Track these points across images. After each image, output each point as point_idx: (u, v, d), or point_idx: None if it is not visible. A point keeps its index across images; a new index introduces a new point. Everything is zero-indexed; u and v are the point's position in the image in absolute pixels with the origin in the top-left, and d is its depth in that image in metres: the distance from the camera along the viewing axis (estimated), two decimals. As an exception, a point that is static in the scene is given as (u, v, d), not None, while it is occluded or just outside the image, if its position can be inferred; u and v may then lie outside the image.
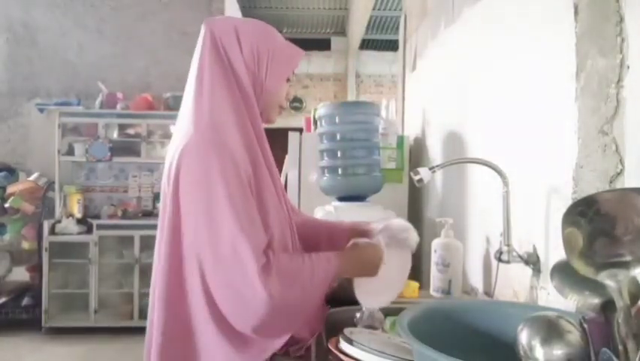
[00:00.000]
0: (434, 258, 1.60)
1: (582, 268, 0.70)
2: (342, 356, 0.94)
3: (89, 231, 3.85)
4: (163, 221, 1.03)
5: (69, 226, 3.83)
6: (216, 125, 1.00)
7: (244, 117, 1.05)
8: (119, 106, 4.01)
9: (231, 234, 0.93)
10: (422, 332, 0.77)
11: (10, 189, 3.95)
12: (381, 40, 8.38)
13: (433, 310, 0.94)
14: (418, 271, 1.98)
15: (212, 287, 0.95)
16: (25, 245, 3.96)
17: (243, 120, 1.04)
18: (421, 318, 0.87)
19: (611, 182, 0.99)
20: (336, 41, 8.70)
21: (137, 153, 4.02)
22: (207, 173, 0.95)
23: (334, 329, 1.09)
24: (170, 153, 1.04)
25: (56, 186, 3.94)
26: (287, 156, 2.68)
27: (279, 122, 1.25)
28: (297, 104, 8.20)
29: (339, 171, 2.20)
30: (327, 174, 2.24)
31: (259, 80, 1.08)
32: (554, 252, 1.19)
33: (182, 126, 1.04)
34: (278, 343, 0.98)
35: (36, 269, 3.89)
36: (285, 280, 0.95)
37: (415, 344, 0.73)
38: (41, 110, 4.28)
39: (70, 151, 4.01)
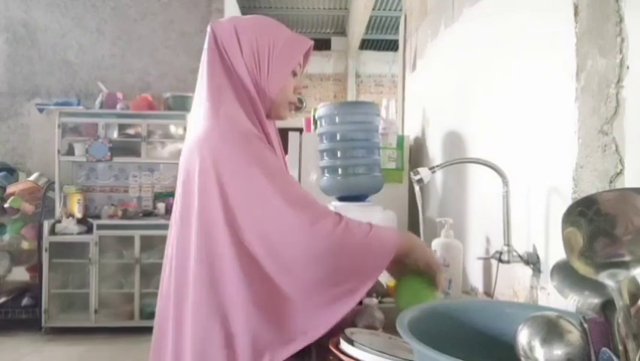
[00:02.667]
0: (434, 258, 1.59)
1: (582, 268, 0.70)
2: (342, 357, 0.94)
3: (89, 231, 3.85)
4: (189, 217, 1.00)
5: (69, 225, 3.83)
6: (234, 121, 1.01)
7: (252, 116, 1.05)
8: (118, 106, 4.01)
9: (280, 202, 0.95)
10: (422, 332, 0.77)
11: (10, 189, 3.95)
12: (381, 40, 8.38)
13: (433, 311, 0.94)
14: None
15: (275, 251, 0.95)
16: (25, 245, 3.96)
17: (252, 119, 1.05)
18: (421, 318, 0.87)
19: (611, 182, 0.99)
20: (336, 41, 8.70)
21: (137, 153, 4.02)
22: (245, 162, 0.96)
23: (334, 328, 1.08)
24: (190, 152, 1.02)
25: (56, 186, 3.94)
26: (287, 156, 2.68)
27: (279, 123, 1.24)
28: (297, 104, 8.19)
29: (339, 171, 2.20)
30: (327, 174, 2.24)
31: (261, 79, 1.07)
32: (554, 252, 1.19)
33: (200, 127, 1.03)
34: (323, 322, 0.95)
35: (36, 269, 3.89)
36: (351, 229, 0.96)
37: (415, 344, 0.73)
38: (41, 110, 4.28)
39: (70, 151, 4.01)
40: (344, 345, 0.96)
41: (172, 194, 4.17)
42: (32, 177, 4.09)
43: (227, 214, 0.96)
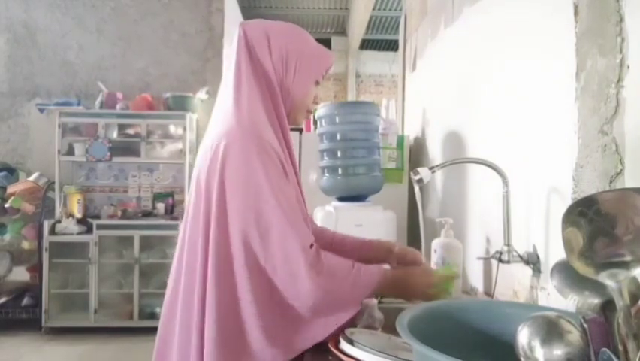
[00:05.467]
0: (434, 258, 1.60)
1: (582, 268, 0.70)
2: (342, 357, 0.94)
3: (89, 231, 3.85)
4: (197, 217, 1.04)
5: (69, 226, 3.83)
6: (255, 122, 1.04)
7: (273, 118, 1.08)
8: (118, 106, 4.01)
9: (280, 228, 0.98)
10: (422, 332, 0.76)
11: (10, 189, 3.95)
12: (381, 40, 8.38)
13: (433, 311, 0.94)
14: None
15: (263, 277, 0.99)
16: (25, 245, 3.96)
17: (273, 121, 1.08)
18: (421, 318, 0.87)
19: (611, 182, 0.99)
20: (336, 41, 8.69)
21: (137, 153, 4.02)
22: (251, 168, 0.99)
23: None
24: (206, 147, 1.06)
25: (56, 186, 3.94)
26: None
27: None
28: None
29: (339, 171, 2.20)
30: (327, 174, 2.24)
31: (286, 83, 1.10)
32: (554, 252, 1.19)
33: (221, 122, 1.07)
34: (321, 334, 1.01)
35: (36, 269, 3.89)
36: (332, 276, 1.00)
37: (415, 344, 0.73)
38: (41, 110, 4.28)
39: (70, 151, 4.01)
40: (344, 345, 0.96)
41: (171, 194, 4.21)
42: (32, 177, 4.09)
43: (220, 221, 1.00)
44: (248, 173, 0.99)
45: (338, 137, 2.21)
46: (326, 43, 8.54)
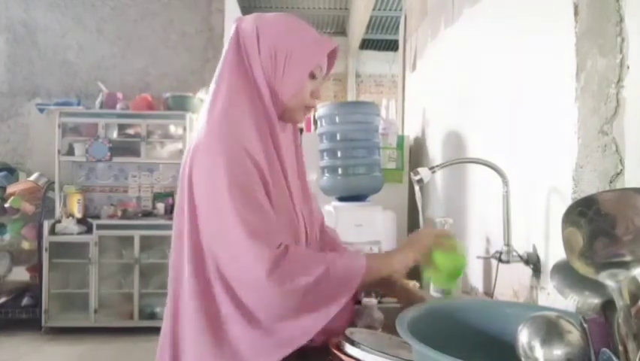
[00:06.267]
0: (434, 258, 1.59)
1: (582, 268, 0.70)
2: (342, 356, 0.94)
3: (89, 231, 3.85)
4: (180, 218, 1.03)
5: (69, 226, 3.83)
6: (229, 122, 1.00)
7: (259, 118, 1.04)
8: (118, 106, 4.01)
9: (237, 232, 0.94)
10: (422, 332, 0.76)
11: (10, 189, 3.94)
12: (381, 40, 8.38)
13: (433, 311, 0.94)
14: (417, 271, 1.98)
15: (228, 282, 0.96)
16: (25, 245, 3.96)
17: (258, 120, 1.03)
18: (421, 318, 0.87)
19: (611, 182, 0.99)
20: (336, 41, 8.69)
21: (137, 153, 4.01)
22: (213, 169, 0.97)
23: (334, 328, 1.08)
24: (185, 151, 1.06)
25: (56, 186, 3.94)
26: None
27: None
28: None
29: (339, 171, 2.20)
30: (327, 174, 2.24)
31: (275, 82, 1.05)
32: (554, 252, 1.19)
33: (198, 126, 1.06)
34: (307, 333, 0.95)
35: (36, 269, 3.88)
36: (295, 271, 0.94)
37: (415, 344, 0.73)
38: (41, 110, 4.28)
39: (70, 151, 4.01)
40: (344, 345, 0.96)
41: (171, 194, 4.21)
42: (32, 177, 4.09)
43: (194, 220, 0.99)
44: (210, 180, 0.97)
45: (338, 137, 2.21)
46: (326, 43, 8.53)
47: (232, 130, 0.99)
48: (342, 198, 2.22)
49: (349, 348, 0.94)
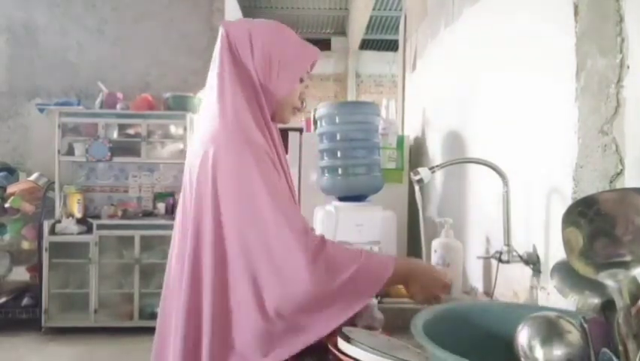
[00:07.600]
0: (434, 258, 1.59)
1: (582, 268, 0.70)
2: (341, 356, 0.94)
3: (89, 231, 3.85)
4: (186, 219, 1.05)
5: (69, 226, 3.83)
6: (241, 123, 1.04)
7: (259, 119, 1.08)
8: (118, 106, 4.01)
9: (277, 227, 0.97)
10: (425, 334, 0.76)
11: (10, 189, 3.94)
12: (381, 40, 8.38)
13: (434, 312, 0.93)
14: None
15: (259, 276, 0.97)
16: (25, 245, 3.96)
17: (259, 121, 1.08)
18: (435, 321, 0.86)
19: (611, 182, 0.99)
20: (336, 41, 8.70)
21: (137, 153, 4.02)
22: (241, 168, 0.99)
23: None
24: (195, 152, 1.06)
25: (56, 186, 3.94)
26: (287, 156, 2.68)
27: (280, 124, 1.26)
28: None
29: (339, 171, 2.20)
30: (327, 174, 2.24)
31: (269, 84, 1.10)
32: (554, 252, 1.19)
33: (207, 126, 1.07)
34: (321, 331, 0.98)
35: (36, 269, 3.88)
36: (332, 266, 0.97)
37: (432, 349, 0.73)
38: (41, 110, 4.28)
39: (70, 151, 4.01)
40: (342, 344, 0.95)
41: (172, 194, 4.21)
42: (32, 177, 4.09)
43: (216, 224, 1.00)
44: (241, 177, 0.99)
45: (338, 137, 2.21)
46: (326, 43, 8.55)
47: (249, 130, 1.04)
48: (342, 198, 2.22)
49: (349, 348, 0.94)
